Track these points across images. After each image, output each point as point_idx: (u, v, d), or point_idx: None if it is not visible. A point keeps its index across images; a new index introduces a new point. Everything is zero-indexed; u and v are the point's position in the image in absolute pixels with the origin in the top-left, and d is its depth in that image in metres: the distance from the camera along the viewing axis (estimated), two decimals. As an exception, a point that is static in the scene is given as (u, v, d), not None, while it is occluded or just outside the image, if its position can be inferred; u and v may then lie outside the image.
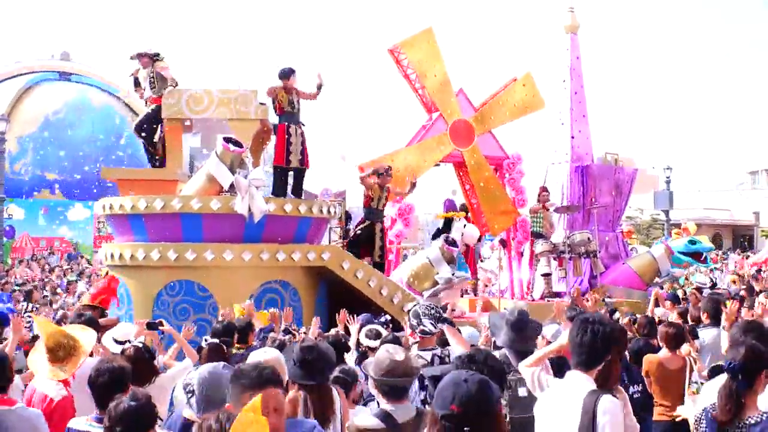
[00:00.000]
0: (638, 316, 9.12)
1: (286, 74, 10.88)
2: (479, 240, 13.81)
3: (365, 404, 5.39)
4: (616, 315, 9.82)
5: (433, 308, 5.69)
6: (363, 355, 6.67)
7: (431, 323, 5.57)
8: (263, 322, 8.01)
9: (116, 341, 6.78)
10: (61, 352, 5.18)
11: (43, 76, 32.57)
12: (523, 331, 5.48)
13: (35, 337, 8.28)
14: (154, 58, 11.02)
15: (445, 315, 5.85)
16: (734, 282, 18.01)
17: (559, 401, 3.98)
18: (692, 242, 14.73)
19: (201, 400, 4.24)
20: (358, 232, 12.38)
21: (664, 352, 7.00)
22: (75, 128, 30.80)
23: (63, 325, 6.73)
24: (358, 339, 7.12)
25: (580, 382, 3.91)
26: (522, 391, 5.12)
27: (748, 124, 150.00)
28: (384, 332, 6.98)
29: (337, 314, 8.02)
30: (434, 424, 2.86)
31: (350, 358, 6.63)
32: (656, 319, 8.93)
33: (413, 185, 12.98)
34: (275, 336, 7.03)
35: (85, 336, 5.48)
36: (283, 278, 10.13)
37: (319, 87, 11.07)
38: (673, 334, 6.98)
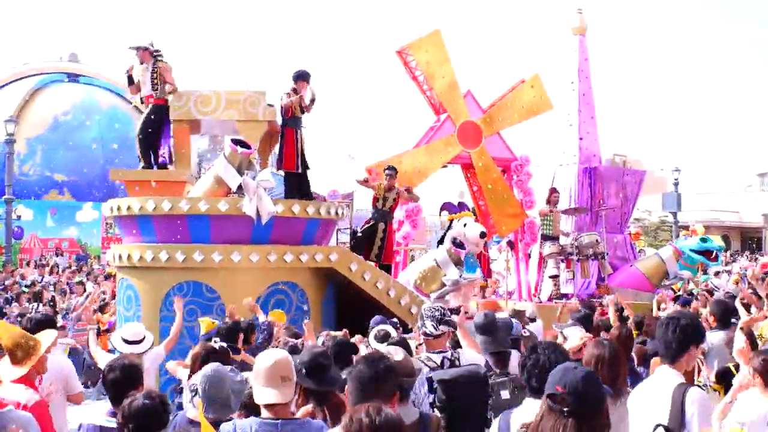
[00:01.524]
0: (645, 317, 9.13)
1: (304, 76, 10.83)
2: (482, 236, 13.76)
3: None
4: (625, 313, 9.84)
5: (437, 309, 5.69)
6: None
7: (433, 325, 5.58)
8: (282, 321, 8.08)
9: (126, 341, 6.81)
10: (20, 353, 5.12)
11: (52, 77, 32.70)
12: (494, 333, 5.50)
13: None
14: (156, 55, 10.92)
15: (448, 317, 5.84)
16: (736, 283, 17.97)
17: (650, 394, 4.24)
18: (704, 240, 14.74)
19: (203, 398, 4.25)
20: (360, 233, 12.36)
21: None
22: (83, 129, 30.91)
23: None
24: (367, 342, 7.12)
25: (668, 376, 4.18)
26: (504, 394, 5.16)
27: (757, 126, 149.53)
28: (394, 333, 6.96)
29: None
30: (542, 405, 3.15)
31: None
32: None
33: (408, 191, 12.88)
34: (286, 339, 7.05)
35: (43, 336, 5.46)
36: (290, 279, 10.12)
37: (313, 101, 11.00)
38: None
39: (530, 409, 3.60)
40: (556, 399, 3.03)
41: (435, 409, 4.78)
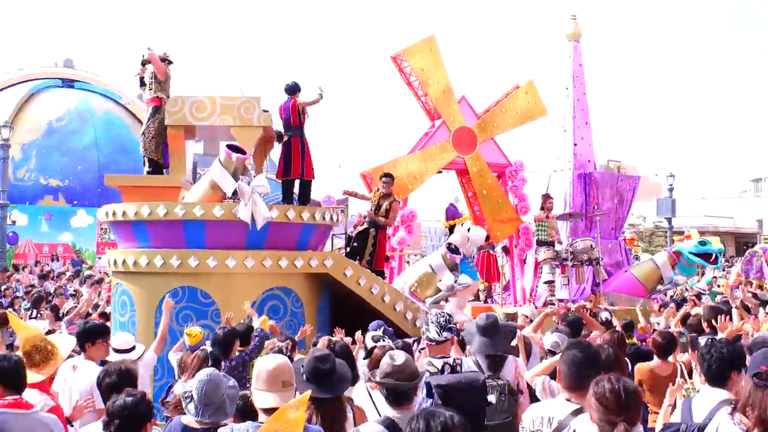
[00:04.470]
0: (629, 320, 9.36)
1: (300, 88, 11.09)
2: (486, 239, 13.87)
3: None
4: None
5: (442, 316, 5.72)
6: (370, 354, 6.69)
7: (437, 330, 5.59)
8: (264, 329, 8.07)
9: (115, 350, 6.81)
10: (38, 356, 5.07)
11: (47, 83, 32.66)
12: (494, 336, 5.54)
13: (9, 346, 8.32)
14: (167, 62, 11.02)
15: (452, 324, 5.87)
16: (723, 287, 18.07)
17: None
18: (702, 243, 14.74)
19: (199, 404, 4.26)
20: (354, 238, 12.32)
21: (656, 360, 7.08)
22: (78, 135, 30.88)
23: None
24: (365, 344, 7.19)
25: None
26: (491, 398, 5.18)
27: (752, 132, 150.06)
28: (389, 342, 6.99)
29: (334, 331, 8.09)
30: (747, 383, 3.87)
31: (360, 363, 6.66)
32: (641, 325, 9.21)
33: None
34: (273, 344, 7.07)
35: (62, 341, 5.42)
36: (285, 285, 10.11)
37: (321, 96, 11.09)
38: (661, 343, 7.07)
39: (713, 396, 4.30)
40: (762, 376, 3.72)
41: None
